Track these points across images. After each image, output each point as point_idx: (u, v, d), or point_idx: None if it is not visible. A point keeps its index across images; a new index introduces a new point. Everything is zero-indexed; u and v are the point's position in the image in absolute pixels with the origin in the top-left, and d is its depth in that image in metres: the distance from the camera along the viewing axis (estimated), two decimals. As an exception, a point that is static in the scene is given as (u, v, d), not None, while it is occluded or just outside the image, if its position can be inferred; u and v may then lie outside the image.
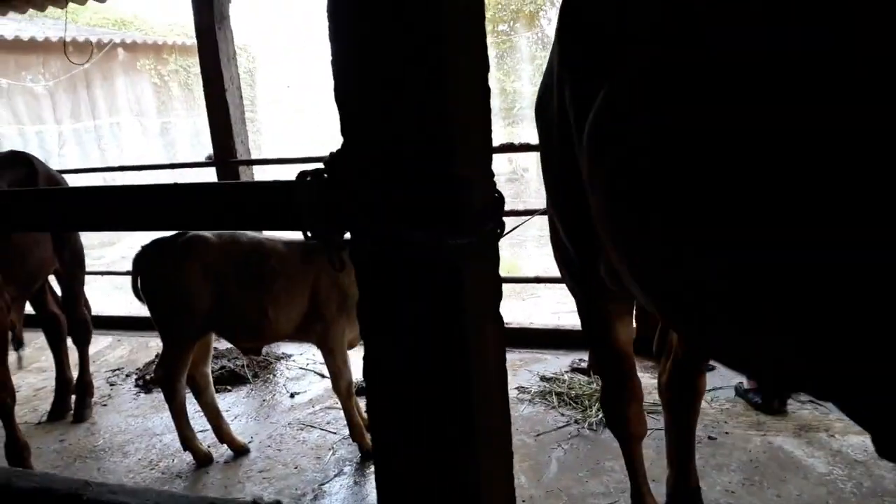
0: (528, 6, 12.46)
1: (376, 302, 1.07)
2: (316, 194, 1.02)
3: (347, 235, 1.05)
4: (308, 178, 1.04)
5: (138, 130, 11.93)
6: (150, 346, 4.73)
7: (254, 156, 5.27)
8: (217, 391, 3.88)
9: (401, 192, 1.01)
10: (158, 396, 3.92)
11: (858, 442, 2.76)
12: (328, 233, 1.00)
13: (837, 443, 2.78)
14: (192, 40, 4.51)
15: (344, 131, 1.06)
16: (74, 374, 3.84)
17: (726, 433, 2.94)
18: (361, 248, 1.03)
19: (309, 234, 1.01)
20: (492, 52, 12.44)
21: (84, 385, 3.80)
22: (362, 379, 1.12)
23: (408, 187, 1.00)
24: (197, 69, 4.63)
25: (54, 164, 3.78)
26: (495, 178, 1.17)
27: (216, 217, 1.07)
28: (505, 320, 1.22)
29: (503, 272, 2.44)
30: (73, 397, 3.79)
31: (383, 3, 0.99)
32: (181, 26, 12.78)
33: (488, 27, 12.28)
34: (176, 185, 1.04)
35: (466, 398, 1.02)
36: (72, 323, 3.81)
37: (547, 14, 12.32)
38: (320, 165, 1.04)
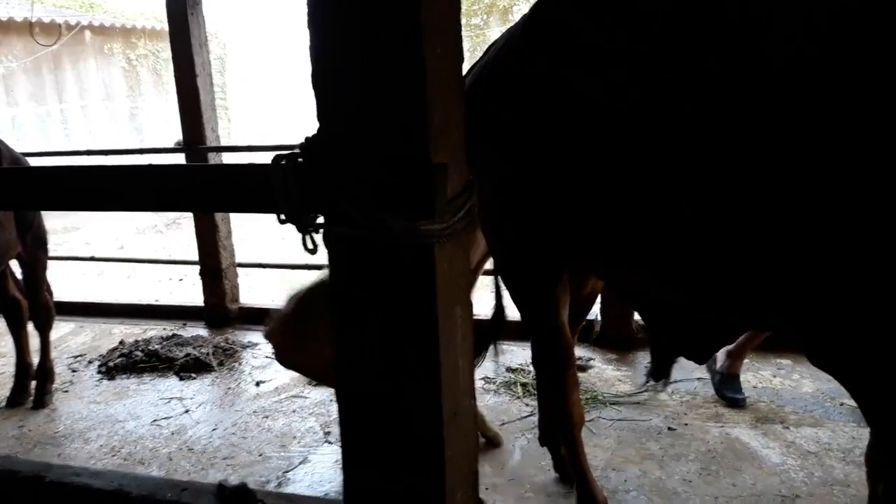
0: (502, 1, 12.50)
1: (349, 284, 1.08)
2: (291, 178, 1.03)
3: (321, 219, 1.07)
4: (283, 162, 1.05)
5: (106, 115, 11.70)
6: (114, 332, 4.67)
7: (223, 143, 5.23)
8: (181, 378, 3.87)
9: (376, 176, 1.03)
10: (121, 383, 3.88)
11: (811, 433, 2.86)
12: (302, 216, 1.02)
13: (791, 434, 2.87)
14: (161, 25, 4.44)
15: (320, 116, 1.08)
16: (35, 359, 3.78)
17: (685, 424, 3.01)
18: (335, 231, 1.05)
19: (283, 217, 1.02)
20: (466, 46, 12.46)
21: (45, 371, 3.74)
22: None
23: (383, 172, 1.02)
24: (166, 54, 4.59)
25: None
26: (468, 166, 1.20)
27: (191, 199, 1.07)
28: (474, 313, 1.26)
29: (472, 263, 2.47)
30: (34, 383, 3.73)
31: (362, -10, 1.00)
32: (151, 10, 12.56)
33: (462, 20, 12.28)
34: (150, 165, 1.05)
35: (435, 382, 1.04)
36: (34, 308, 3.75)
37: (521, 9, 12.35)
38: (296, 150, 1.05)
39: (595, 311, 3.86)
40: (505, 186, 2.01)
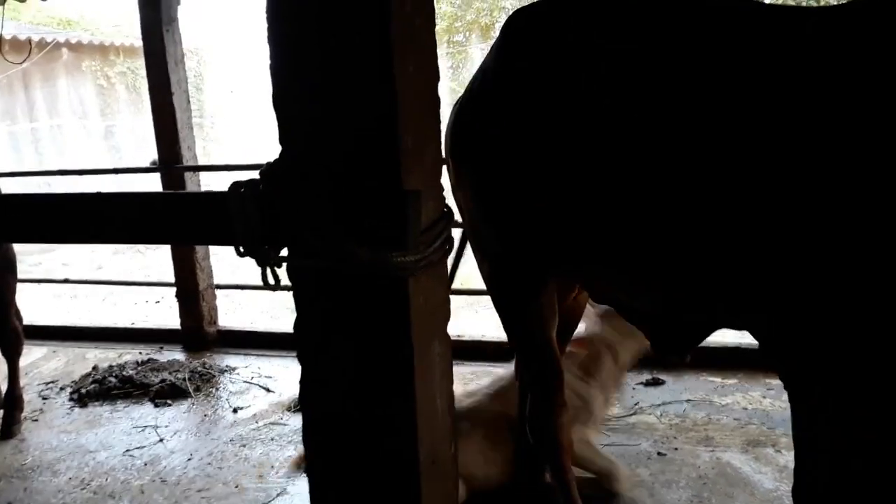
0: (484, 18, 12.51)
1: (316, 321, 1.00)
2: (251, 207, 0.95)
3: (284, 251, 0.98)
4: (242, 190, 0.97)
5: (81, 133, 11.53)
6: (88, 357, 4.53)
7: (202, 162, 5.13)
8: (156, 405, 3.74)
9: (343, 204, 0.94)
10: (94, 411, 3.75)
11: (804, 457, 2.78)
12: (263, 248, 0.93)
13: (784, 458, 2.80)
14: (140, 42, 4.35)
15: (283, 139, 1.00)
16: (4, 387, 3.64)
17: (675, 449, 2.94)
18: (300, 264, 0.97)
19: (242, 249, 0.94)
20: (447, 63, 12.44)
21: (13, 399, 3.59)
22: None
23: (351, 200, 0.94)
24: (145, 72, 4.49)
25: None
26: (445, 193, 1.12)
27: (139, 231, 0.99)
28: (458, 333, 1.18)
29: (456, 284, 2.41)
30: (2, 412, 3.59)
31: (327, 2, 0.93)
32: (129, 27, 12.44)
33: (443, 38, 12.27)
34: (99, 193, 0.96)
35: (410, 427, 0.96)
36: (1, 333, 3.61)
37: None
38: (256, 177, 0.97)
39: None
40: (491, 200, 1.99)
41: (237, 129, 13.43)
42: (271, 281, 0.94)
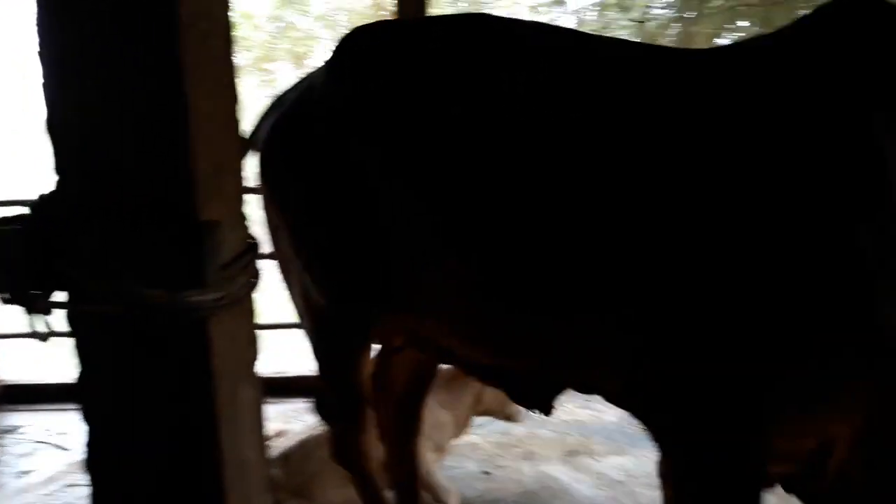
0: (299, 47, 12.41)
1: (103, 374, 0.88)
2: (18, 246, 0.82)
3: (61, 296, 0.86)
4: (9, 227, 0.84)
5: None
6: None
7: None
8: (-78, 480, 3.21)
9: (130, 240, 0.85)
10: None
11: (618, 463, 2.96)
12: (31, 293, 0.81)
13: (599, 465, 2.95)
14: None
15: (58, 167, 0.88)
16: None
17: (499, 466, 3.00)
18: (80, 310, 0.85)
19: (8, 296, 0.81)
20: (263, 92, 12.13)
21: None
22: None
23: (138, 234, 0.85)
24: None
25: None
26: (249, 223, 1.05)
27: None
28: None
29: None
30: None
31: (102, 10, 0.83)
32: None
33: (258, 66, 11.98)
34: None
35: (217, 482, 0.87)
36: None
37: (315, 55, 12.33)
38: (25, 213, 0.84)
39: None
40: (322, 230, 1.87)
41: (23, 161, 12.07)
42: (42, 330, 0.82)
